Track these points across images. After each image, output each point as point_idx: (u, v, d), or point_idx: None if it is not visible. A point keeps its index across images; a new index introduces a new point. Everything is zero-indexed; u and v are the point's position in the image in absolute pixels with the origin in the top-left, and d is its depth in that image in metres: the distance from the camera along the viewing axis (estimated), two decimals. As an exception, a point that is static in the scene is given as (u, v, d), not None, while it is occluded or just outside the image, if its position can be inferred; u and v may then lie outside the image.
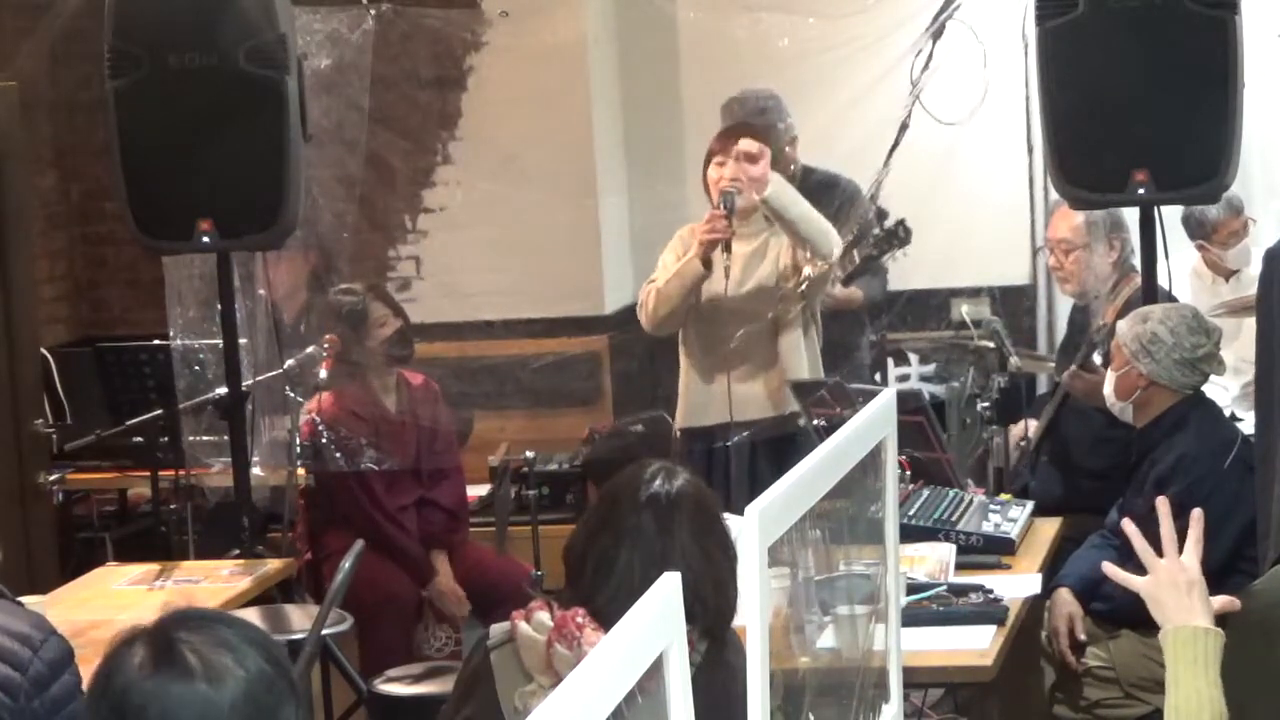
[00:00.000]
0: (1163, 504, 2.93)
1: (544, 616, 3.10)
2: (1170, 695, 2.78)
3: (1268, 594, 2.87)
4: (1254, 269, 6.37)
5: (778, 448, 5.67)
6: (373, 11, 6.52)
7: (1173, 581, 2.81)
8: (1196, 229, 6.59)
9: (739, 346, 5.71)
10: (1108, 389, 5.23)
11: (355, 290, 6.45)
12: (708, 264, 5.65)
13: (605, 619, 3.05)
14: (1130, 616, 4.98)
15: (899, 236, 6.41)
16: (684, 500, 3.23)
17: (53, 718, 3.07)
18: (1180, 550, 2.85)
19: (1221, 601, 2.88)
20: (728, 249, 5.62)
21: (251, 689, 2.15)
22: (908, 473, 5.36)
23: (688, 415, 5.84)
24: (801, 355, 5.78)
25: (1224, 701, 2.74)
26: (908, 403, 5.35)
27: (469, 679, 3.27)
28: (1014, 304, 7.67)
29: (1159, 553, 2.87)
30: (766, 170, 5.63)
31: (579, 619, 3.06)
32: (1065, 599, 5.11)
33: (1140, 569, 2.87)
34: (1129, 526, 2.94)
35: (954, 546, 4.98)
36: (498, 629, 3.22)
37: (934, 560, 4.89)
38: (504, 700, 3.14)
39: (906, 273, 6.91)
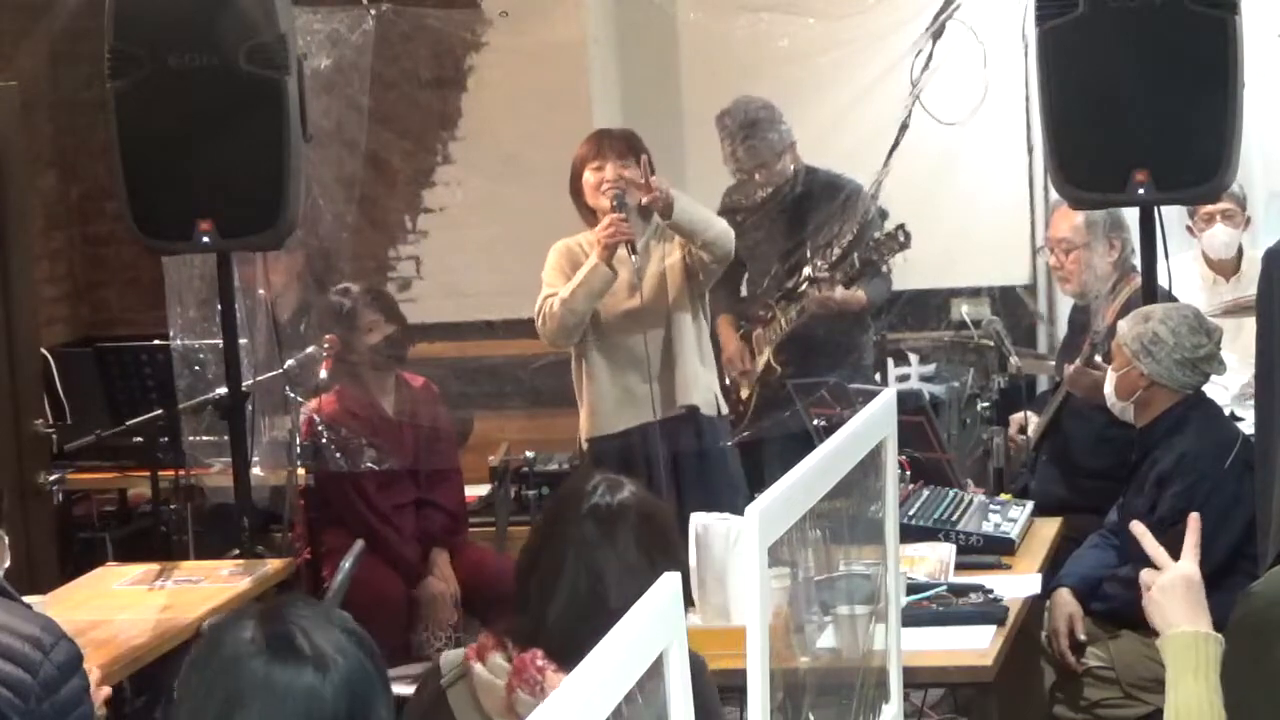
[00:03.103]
0: (1138, 528, 2.94)
1: (499, 659, 3.03)
2: (1169, 700, 2.78)
3: (1266, 595, 2.87)
4: (1249, 267, 6.37)
5: (697, 455, 5.72)
6: (373, 11, 6.52)
7: (1172, 586, 2.82)
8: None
9: (642, 348, 5.71)
10: (1108, 389, 5.23)
11: (349, 291, 6.45)
12: (612, 267, 5.66)
13: (555, 637, 2.99)
14: (1130, 616, 4.98)
15: (899, 241, 6.40)
16: (627, 511, 3.12)
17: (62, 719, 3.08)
18: (1177, 558, 2.86)
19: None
20: (633, 248, 5.63)
21: (352, 679, 2.17)
22: (908, 473, 5.37)
23: (597, 424, 5.78)
24: (694, 347, 5.79)
25: (1223, 706, 2.74)
26: (908, 403, 5.35)
27: (420, 713, 3.21)
28: (1014, 304, 7.67)
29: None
30: (639, 174, 5.66)
31: (539, 662, 2.98)
32: (1065, 599, 5.11)
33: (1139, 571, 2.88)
34: (1138, 527, 2.94)
35: (954, 546, 4.98)
36: (448, 661, 3.14)
37: (934, 560, 4.89)
38: None
39: (906, 273, 6.90)
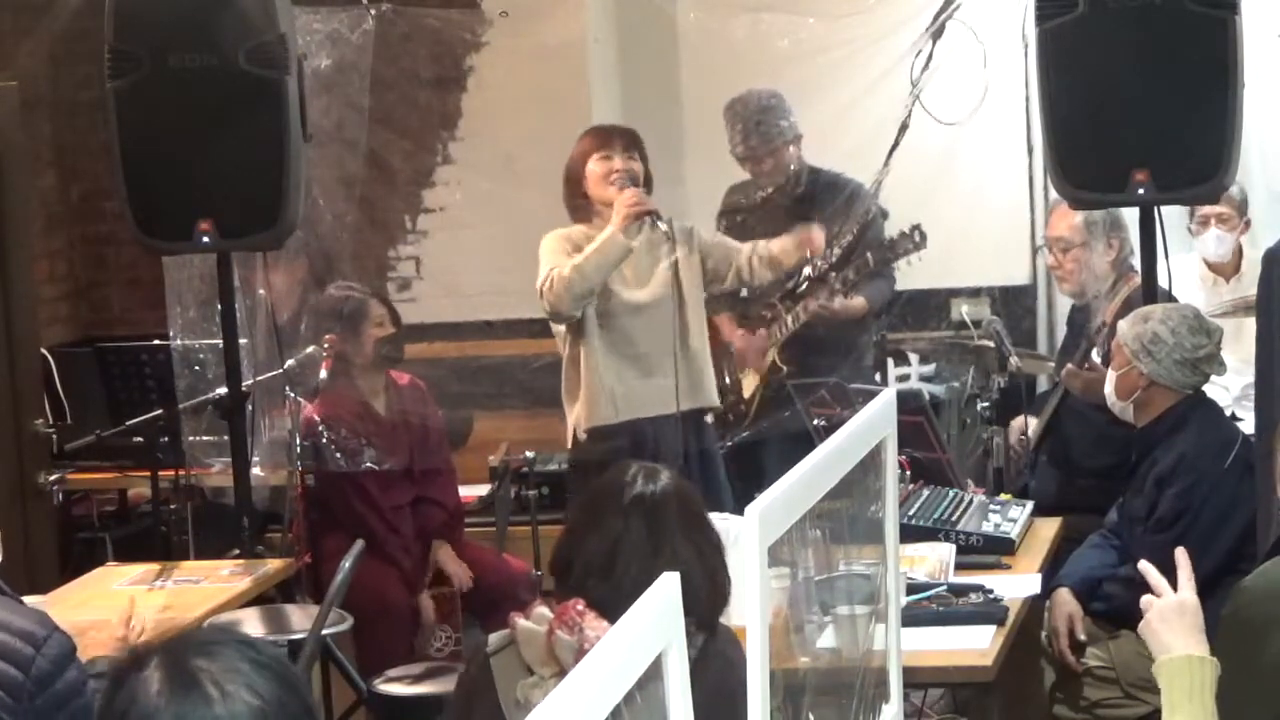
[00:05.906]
0: (1145, 566, 2.97)
1: (543, 610, 3.14)
2: (1165, 722, 2.78)
3: (1256, 590, 2.88)
4: (1249, 267, 6.37)
5: (697, 455, 5.74)
6: (373, 11, 6.52)
7: (1168, 613, 2.83)
8: None
9: (649, 343, 5.71)
10: (1108, 388, 5.23)
11: (356, 287, 6.46)
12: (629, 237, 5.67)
13: (598, 605, 3.10)
14: (1130, 616, 4.98)
15: (914, 241, 6.39)
16: (669, 499, 3.26)
17: (57, 714, 3.07)
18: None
19: None
20: (656, 218, 5.64)
21: (268, 716, 2.14)
22: (908, 473, 5.37)
23: (594, 415, 5.75)
24: (704, 346, 5.82)
25: None
26: (908, 403, 5.35)
27: (469, 684, 3.28)
28: (1014, 304, 7.67)
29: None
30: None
31: (579, 608, 3.08)
32: (1065, 599, 5.11)
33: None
34: (1145, 566, 2.96)
35: (954, 546, 4.98)
36: (496, 637, 3.25)
37: (934, 560, 4.89)
38: (505, 699, 3.15)
39: (907, 273, 6.89)
